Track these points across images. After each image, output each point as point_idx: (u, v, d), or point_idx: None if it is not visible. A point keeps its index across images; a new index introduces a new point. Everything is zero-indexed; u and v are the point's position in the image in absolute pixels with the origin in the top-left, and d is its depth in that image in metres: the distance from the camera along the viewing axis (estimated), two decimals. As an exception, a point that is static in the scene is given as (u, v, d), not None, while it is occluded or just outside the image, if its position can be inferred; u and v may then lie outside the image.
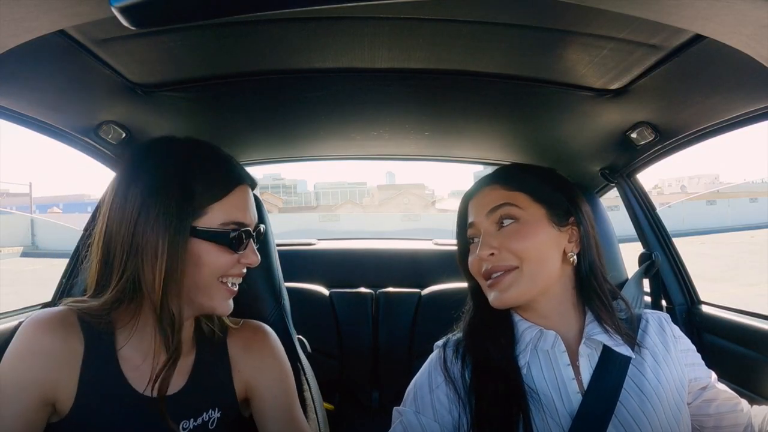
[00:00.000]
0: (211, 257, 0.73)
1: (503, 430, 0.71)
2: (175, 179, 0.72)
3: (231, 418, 0.81)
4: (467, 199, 0.86)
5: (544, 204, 0.79)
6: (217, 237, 0.73)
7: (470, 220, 0.82)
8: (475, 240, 0.81)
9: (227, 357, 0.83)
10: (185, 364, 0.80)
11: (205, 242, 0.72)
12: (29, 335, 0.71)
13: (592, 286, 0.79)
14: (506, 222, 0.77)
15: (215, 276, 0.74)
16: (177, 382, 0.78)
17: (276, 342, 0.88)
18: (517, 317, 0.81)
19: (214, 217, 0.73)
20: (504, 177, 0.83)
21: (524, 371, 0.76)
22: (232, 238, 0.73)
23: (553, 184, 0.83)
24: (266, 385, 0.83)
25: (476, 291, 0.84)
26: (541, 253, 0.76)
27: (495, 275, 0.77)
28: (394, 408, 0.80)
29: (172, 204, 0.70)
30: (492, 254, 0.76)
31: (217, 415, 0.79)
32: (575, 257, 0.79)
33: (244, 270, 0.78)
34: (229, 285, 0.76)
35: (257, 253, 0.78)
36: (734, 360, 1.21)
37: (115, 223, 0.71)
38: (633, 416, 0.73)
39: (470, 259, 0.82)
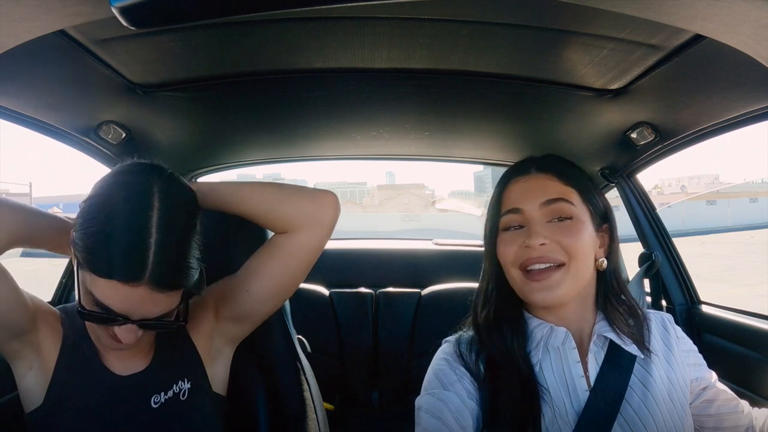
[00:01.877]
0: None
1: (517, 428, 0.71)
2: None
3: (202, 389, 0.84)
4: (510, 179, 0.80)
5: (590, 205, 0.77)
6: (83, 313, 0.68)
7: (516, 206, 0.76)
8: (513, 228, 0.76)
9: (185, 330, 0.85)
10: (149, 339, 0.82)
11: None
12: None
13: (613, 293, 0.79)
14: (560, 218, 0.75)
15: (94, 329, 0.74)
16: (143, 360, 0.81)
17: None
18: (527, 314, 0.80)
19: (94, 285, 0.67)
20: (558, 168, 0.79)
21: (536, 369, 0.75)
22: (95, 316, 0.68)
23: (596, 188, 0.81)
24: (224, 287, 0.86)
25: (500, 285, 0.80)
26: (586, 252, 0.74)
27: (538, 266, 0.73)
28: (417, 401, 0.76)
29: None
30: (543, 244, 0.73)
31: (187, 386, 0.81)
32: (605, 263, 0.78)
33: (126, 342, 0.70)
34: (116, 339, 0.71)
35: (134, 337, 0.70)
36: (734, 360, 1.21)
37: None
38: (638, 414, 0.73)
39: (503, 248, 0.76)
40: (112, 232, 0.66)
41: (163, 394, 0.79)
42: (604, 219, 0.79)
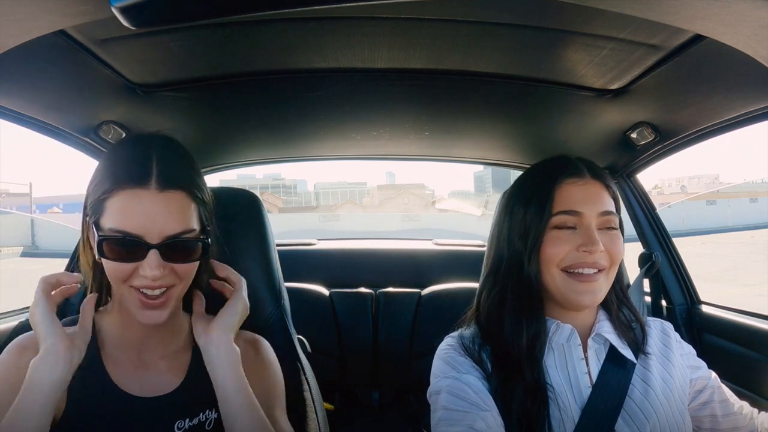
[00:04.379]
0: (106, 261, 0.68)
1: (526, 424, 0.71)
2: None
3: None
4: (563, 178, 0.78)
5: (619, 214, 0.80)
6: (102, 242, 0.67)
7: (575, 208, 0.76)
8: (571, 228, 0.76)
9: None
10: (181, 362, 0.79)
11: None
12: (11, 355, 0.73)
13: (616, 294, 0.81)
14: (611, 228, 0.77)
15: (118, 281, 0.69)
16: (172, 381, 0.77)
17: (271, 353, 0.86)
18: None
19: (107, 219, 0.67)
20: (606, 179, 0.81)
21: (542, 366, 0.76)
22: (113, 247, 0.66)
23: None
24: (254, 390, 0.78)
25: (520, 280, 0.78)
26: (620, 260, 0.77)
27: (585, 271, 0.74)
28: (429, 392, 0.78)
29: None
30: (602, 251, 0.74)
31: (214, 416, 0.77)
32: None
33: (158, 282, 0.68)
34: (141, 293, 0.69)
35: (157, 266, 0.66)
36: (734, 360, 1.21)
37: None
38: (641, 408, 0.74)
39: (554, 248, 0.75)
40: (117, 161, 0.70)
41: (188, 420, 0.75)
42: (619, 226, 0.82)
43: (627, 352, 0.77)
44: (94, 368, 0.74)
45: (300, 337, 1.12)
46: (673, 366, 0.80)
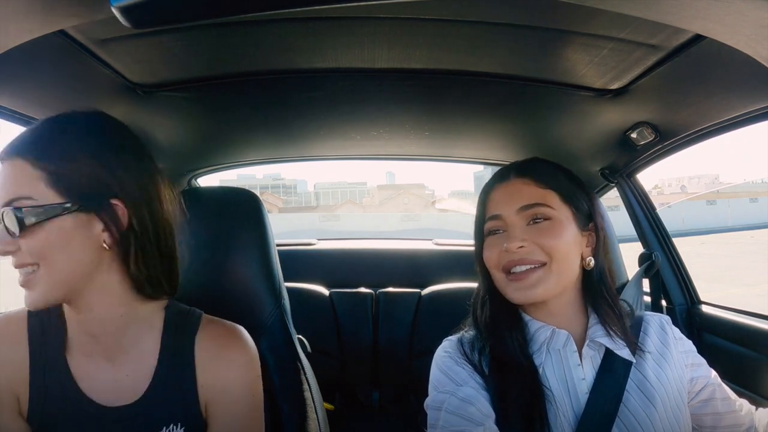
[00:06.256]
0: None
1: (524, 427, 0.72)
2: None
3: None
4: (492, 185, 0.83)
5: (572, 206, 0.79)
6: None
7: (496, 212, 0.79)
8: (498, 232, 0.79)
9: (193, 363, 0.72)
10: (145, 368, 0.70)
11: None
12: None
13: (601, 292, 0.79)
14: (538, 220, 0.77)
15: None
16: (135, 390, 0.69)
17: (250, 349, 0.77)
18: (526, 317, 0.81)
19: None
20: (537, 172, 0.80)
21: (540, 371, 0.76)
22: None
23: (579, 188, 0.81)
24: (229, 399, 0.73)
25: (492, 288, 0.82)
26: (568, 252, 0.76)
27: (520, 269, 0.76)
28: (427, 404, 0.78)
29: None
30: (521, 247, 0.75)
31: (180, 431, 0.70)
32: (592, 261, 0.79)
33: (14, 261, 0.64)
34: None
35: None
36: (734, 360, 1.21)
37: None
38: (636, 417, 0.73)
39: (487, 252, 0.79)
40: None
41: None
42: (589, 219, 0.80)
43: (623, 352, 0.77)
44: (58, 368, 0.68)
45: (300, 336, 1.12)
46: (672, 365, 0.80)
